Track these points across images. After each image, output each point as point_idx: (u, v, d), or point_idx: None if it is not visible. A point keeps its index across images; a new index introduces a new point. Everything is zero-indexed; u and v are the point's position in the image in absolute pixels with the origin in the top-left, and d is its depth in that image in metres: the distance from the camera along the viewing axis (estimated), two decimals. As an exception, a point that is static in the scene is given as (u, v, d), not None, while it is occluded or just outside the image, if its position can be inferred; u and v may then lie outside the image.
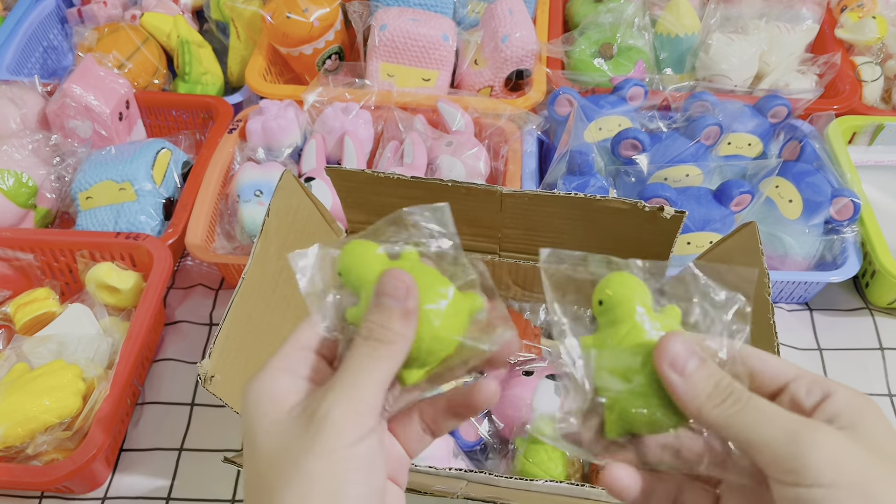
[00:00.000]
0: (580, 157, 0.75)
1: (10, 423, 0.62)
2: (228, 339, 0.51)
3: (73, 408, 0.64)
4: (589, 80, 0.93)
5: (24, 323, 0.71)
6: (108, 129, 0.86)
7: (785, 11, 0.98)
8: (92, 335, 0.70)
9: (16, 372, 0.67)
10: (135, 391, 0.72)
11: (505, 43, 0.89)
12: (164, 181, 0.82)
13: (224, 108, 0.91)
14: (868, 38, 0.97)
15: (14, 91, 0.88)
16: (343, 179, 0.62)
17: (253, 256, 0.55)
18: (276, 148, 0.85)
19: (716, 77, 0.92)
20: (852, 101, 0.91)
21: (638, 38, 0.96)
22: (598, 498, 0.50)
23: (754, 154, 0.84)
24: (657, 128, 0.83)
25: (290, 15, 0.89)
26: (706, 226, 0.74)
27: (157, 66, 0.98)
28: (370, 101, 0.88)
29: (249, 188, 0.78)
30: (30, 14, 1.04)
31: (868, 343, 0.78)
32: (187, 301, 0.82)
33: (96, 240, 0.75)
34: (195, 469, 0.68)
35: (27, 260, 0.76)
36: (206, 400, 0.73)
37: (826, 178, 0.77)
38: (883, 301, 0.79)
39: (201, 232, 0.76)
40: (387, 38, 0.89)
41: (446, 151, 0.81)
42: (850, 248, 0.77)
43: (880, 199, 0.84)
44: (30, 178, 0.82)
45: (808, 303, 0.81)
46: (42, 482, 0.60)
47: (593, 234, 0.60)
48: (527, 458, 0.60)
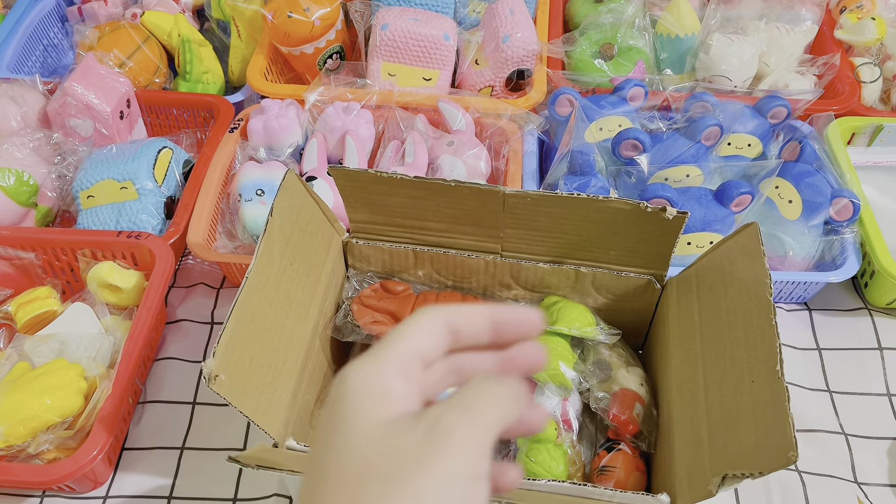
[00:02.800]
0: (581, 158, 0.76)
1: (12, 421, 0.61)
2: (233, 338, 0.51)
3: (74, 407, 0.64)
4: (589, 80, 0.93)
5: (26, 322, 0.71)
6: (109, 128, 0.86)
7: (784, 12, 0.99)
8: (93, 334, 0.70)
9: (17, 371, 0.67)
10: (136, 390, 0.72)
11: (506, 43, 0.89)
12: (166, 180, 0.82)
13: (225, 107, 0.91)
14: (867, 39, 0.97)
15: (15, 89, 0.88)
16: (346, 179, 0.62)
17: (256, 256, 0.55)
18: (278, 147, 0.85)
19: (716, 78, 0.93)
20: (851, 101, 0.91)
21: (638, 38, 0.96)
22: (600, 498, 0.50)
23: (754, 155, 0.84)
24: (657, 128, 0.84)
25: (291, 14, 0.89)
26: (707, 226, 0.74)
27: (157, 65, 0.98)
28: (371, 100, 0.88)
29: (251, 187, 0.78)
30: (30, 12, 1.04)
31: (867, 343, 0.78)
32: (189, 300, 0.82)
33: (98, 239, 0.75)
34: (197, 468, 0.68)
35: (28, 259, 0.76)
36: (207, 399, 0.73)
37: (826, 179, 0.77)
38: (882, 301, 0.79)
39: (203, 231, 0.77)
40: (388, 38, 0.89)
41: (447, 151, 0.81)
42: (850, 249, 0.77)
43: (879, 200, 0.85)
44: (31, 177, 0.82)
45: (807, 303, 0.82)
46: (43, 481, 0.60)
47: (595, 235, 0.61)
48: (528, 457, 0.60)
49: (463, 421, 0.24)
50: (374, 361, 0.26)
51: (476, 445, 0.24)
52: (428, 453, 0.23)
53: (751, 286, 0.52)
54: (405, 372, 0.26)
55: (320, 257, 0.65)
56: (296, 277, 0.60)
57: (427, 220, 0.64)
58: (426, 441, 0.23)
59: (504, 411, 0.26)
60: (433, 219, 0.63)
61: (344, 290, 0.69)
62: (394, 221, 0.65)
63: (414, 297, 0.67)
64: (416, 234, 0.66)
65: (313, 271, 0.63)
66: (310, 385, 0.62)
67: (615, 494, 0.50)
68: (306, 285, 0.62)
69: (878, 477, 0.68)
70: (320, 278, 0.64)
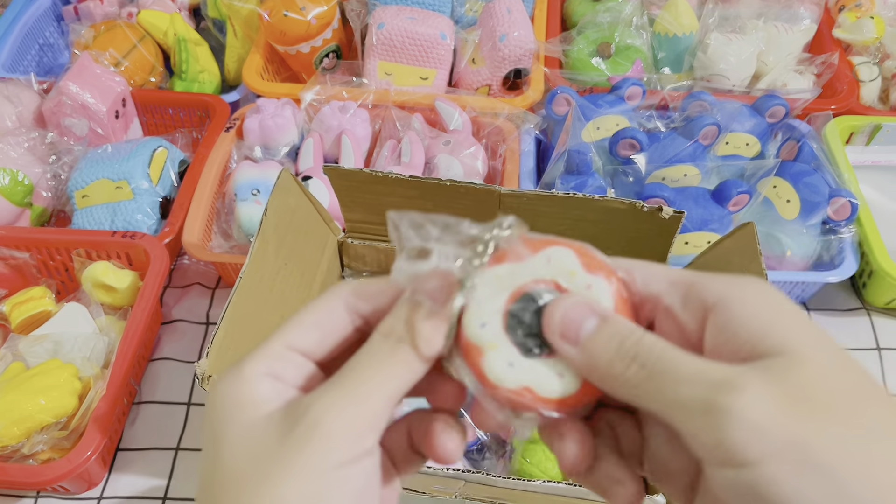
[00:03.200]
0: (578, 157, 0.75)
1: (6, 422, 0.61)
2: (226, 339, 0.51)
3: (69, 407, 0.63)
4: (587, 79, 0.93)
5: (20, 322, 0.71)
6: (104, 128, 0.86)
7: (783, 11, 0.98)
8: (88, 334, 0.70)
9: (11, 371, 0.66)
10: (131, 390, 0.72)
11: (503, 42, 0.89)
12: (161, 180, 0.82)
13: (221, 106, 0.91)
14: (866, 38, 0.97)
15: (10, 89, 0.88)
16: (341, 178, 0.62)
17: (250, 255, 0.54)
18: (274, 147, 0.85)
19: (714, 77, 0.92)
20: (850, 101, 0.91)
21: (636, 37, 0.96)
22: (595, 498, 0.50)
23: (752, 154, 0.84)
24: (655, 127, 0.83)
25: (287, 13, 0.88)
26: (704, 226, 0.74)
27: (153, 64, 0.98)
28: (368, 99, 0.87)
29: (246, 187, 0.78)
30: (26, 11, 1.04)
31: (865, 343, 0.78)
32: (184, 300, 0.81)
33: (92, 238, 0.75)
34: (192, 469, 0.68)
35: (23, 258, 0.76)
36: (202, 399, 0.73)
37: (824, 179, 0.77)
38: (880, 301, 0.79)
39: (198, 231, 0.76)
40: (385, 37, 0.89)
41: (444, 150, 0.81)
42: (848, 249, 0.77)
43: (877, 200, 0.84)
44: (26, 177, 0.82)
45: (805, 303, 0.81)
46: (38, 482, 0.60)
47: (592, 234, 0.60)
48: (524, 458, 0.60)
49: (333, 406, 0.22)
50: (236, 369, 0.25)
51: (345, 427, 0.22)
52: (287, 451, 0.22)
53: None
54: (275, 373, 0.25)
55: (315, 257, 0.64)
56: (290, 277, 0.60)
57: (423, 220, 0.63)
58: (287, 437, 0.22)
59: (395, 384, 0.24)
60: (429, 218, 0.63)
61: (339, 289, 0.69)
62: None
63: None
64: (411, 233, 0.65)
65: (308, 271, 0.63)
66: (305, 385, 0.62)
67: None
68: (301, 285, 0.62)
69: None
70: (315, 278, 0.64)
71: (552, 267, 0.26)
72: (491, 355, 0.25)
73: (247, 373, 0.24)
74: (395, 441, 0.27)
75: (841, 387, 0.21)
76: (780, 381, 0.21)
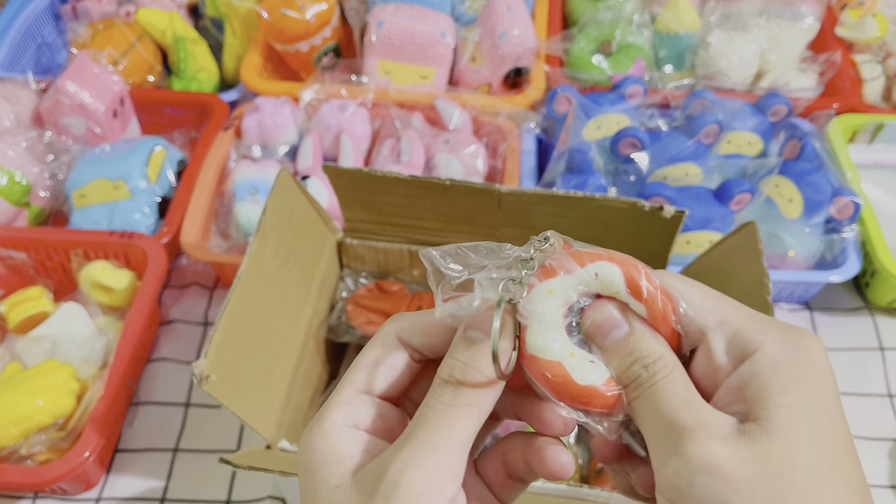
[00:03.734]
0: (579, 156, 0.75)
1: (4, 423, 0.61)
2: (224, 339, 0.50)
3: (67, 408, 0.63)
4: (588, 77, 0.92)
5: (18, 322, 0.71)
6: (102, 127, 0.86)
7: (785, 9, 0.98)
8: (86, 335, 0.70)
9: (9, 371, 0.66)
10: (129, 391, 0.71)
11: (503, 40, 0.88)
12: (159, 179, 0.82)
13: (219, 105, 0.90)
14: (868, 37, 0.97)
15: (7, 88, 0.87)
16: (340, 178, 0.61)
17: (249, 255, 0.54)
18: (272, 146, 0.84)
19: (716, 75, 0.92)
20: (853, 99, 0.90)
21: (637, 35, 0.95)
22: (596, 499, 0.49)
23: (754, 153, 0.84)
24: (656, 126, 0.83)
25: (286, 11, 0.88)
26: (706, 225, 0.73)
27: (151, 63, 0.98)
28: (367, 98, 0.87)
29: (245, 186, 0.78)
30: (23, 10, 1.03)
31: (868, 343, 0.77)
32: (182, 300, 0.81)
33: (90, 238, 0.75)
34: (190, 470, 0.68)
35: (20, 259, 0.76)
36: (201, 400, 0.72)
37: (826, 178, 0.76)
38: (883, 301, 0.79)
39: (196, 230, 0.76)
40: (384, 35, 0.89)
41: (444, 149, 0.81)
42: (851, 248, 0.76)
43: (880, 199, 0.84)
44: (23, 177, 0.82)
45: (808, 302, 0.81)
46: (35, 483, 0.59)
47: (592, 234, 0.60)
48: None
49: (408, 465, 0.23)
50: (320, 421, 0.26)
51: (423, 483, 0.23)
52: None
53: (749, 286, 0.52)
54: (352, 421, 0.26)
55: (314, 256, 0.64)
56: (289, 277, 0.59)
57: (422, 219, 0.63)
58: (372, 498, 0.23)
59: (465, 428, 0.24)
60: (428, 217, 0.63)
61: (338, 289, 0.69)
62: (389, 220, 0.64)
63: (409, 297, 0.67)
64: (411, 233, 0.65)
65: (307, 270, 0.63)
66: (303, 386, 0.62)
67: (612, 496, 0.49)
68: (300, 285, 0.61)
69: (878, 478, 0.67)
70: (314, 278, 0.64)
71: (599, 283, 0.27)
72: (571, 363, 0.26)
73: (328, 428, 0.26)
74: (492, 470, 0.28)
75: (807, 465, 0.22)
76: (754, 442, 0.22)
